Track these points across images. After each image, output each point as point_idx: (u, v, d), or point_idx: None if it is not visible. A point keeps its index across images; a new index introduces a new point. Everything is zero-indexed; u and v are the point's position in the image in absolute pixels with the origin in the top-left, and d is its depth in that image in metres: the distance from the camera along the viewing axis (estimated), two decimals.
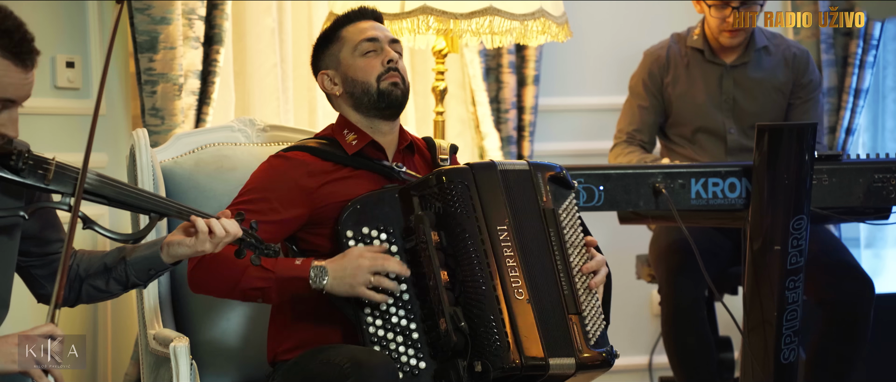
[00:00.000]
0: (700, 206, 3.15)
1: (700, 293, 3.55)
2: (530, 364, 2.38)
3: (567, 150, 4.12)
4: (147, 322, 2.76)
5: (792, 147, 3.02)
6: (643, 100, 3.70)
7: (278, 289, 2.43)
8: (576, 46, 4.15)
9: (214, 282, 2.47)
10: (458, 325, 2.37)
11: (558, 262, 2.48)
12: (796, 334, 3.13)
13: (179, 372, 2.56)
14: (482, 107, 3.98)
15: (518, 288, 2.42)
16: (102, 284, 2.30)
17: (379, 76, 2.55)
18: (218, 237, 2.23)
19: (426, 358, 2.41)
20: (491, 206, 2.47)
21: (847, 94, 4.15)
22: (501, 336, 2.38)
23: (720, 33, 3.65)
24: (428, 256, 2.41)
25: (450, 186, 2.46)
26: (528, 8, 3.23)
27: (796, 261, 3.06)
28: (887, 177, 3.13)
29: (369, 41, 2.56)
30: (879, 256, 4.43)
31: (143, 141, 2.80)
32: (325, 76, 2.60)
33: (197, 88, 3.50)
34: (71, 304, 2.34)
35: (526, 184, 2.52)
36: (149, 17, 3.39)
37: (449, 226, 2.45)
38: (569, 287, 2.47)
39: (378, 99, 2.55)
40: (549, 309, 2.44)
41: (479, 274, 2.42)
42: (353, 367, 2.29)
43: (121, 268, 2.28)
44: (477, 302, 2.40)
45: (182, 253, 2.25)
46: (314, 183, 2.52)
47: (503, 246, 2.44)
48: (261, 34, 3.71)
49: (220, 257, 2.42)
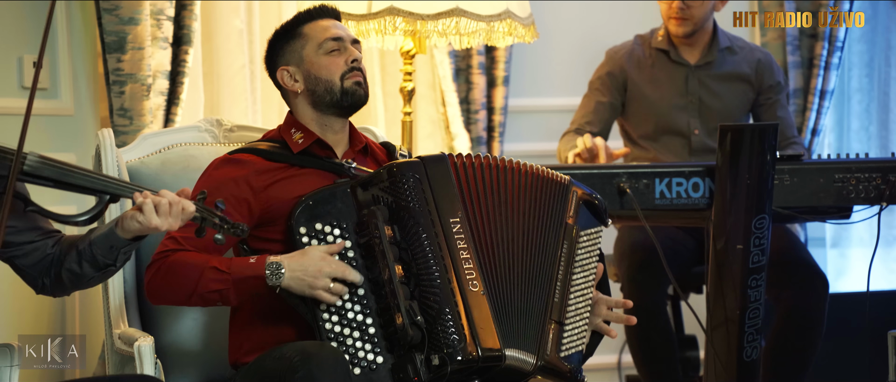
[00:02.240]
0: (664, 206, 3.18)
1: (664, 292, 3.58)
2: (486, 355, 2.39)
3: (536, 151, 4.14)
4: (112, 322, 2.76)
5: (754, 147, 3.05)
6: (601, 95, 3.73)
7: (236, 290, 2.42)
8: (545, 48, 4.18)
9: (171, 291, 2.46)
10: (415, 319, 2.38)
11: (560, 272, 2.50)
12: (758, 332, 3.16)
13: (144, 371, 2.57)
14: (452, 107, 4.00)
15: (472, 281, 2.43)
16: (76, 267, 2.28)
17: (343, 74, 2.57)
18: (163, 211, 2.20)
19: (383, 353, 2.41)
20: (444, 199, 2.48)
21: (813, 96, 4.19)
22: (458, 329, 2.39)
23: (669, 21, 3.68)
24: (382, 251, 2.42)
25: (401, 179, 2.46)
26: (495, 9, 3.25)
27: (758, 260, 3.09)
28: (847, 177, 3.16)
29: (334, 40, 2.58)
30: (845, 256, 4.48)
31: (108, 140, 2.80)
32: (286, 72, 2.60)
33: (165, 89, 3.50)
34: (57, 291, 2.32)
35: (555, 195, 2.54)
36: (117, 18, 3.39)
37: (402, 220, 2.45)
38: (561, 297, 2.49)
39: (341, 97, 2.57)
40: (523, 308, 2.46)
41: (434, 268, 2.42)
42: (302, 359, 2.29)
43: (87, 248, 2.27)
44: (432, 296, 2.41)
45: (134, 227, 2.23)
46: (261, 182, 2.53)
47: (457, 239, 2.45)
48: (230, 35, 3.72)
49: (175, 264, 2.43)
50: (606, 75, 3.75)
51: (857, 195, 3.15)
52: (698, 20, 3.66)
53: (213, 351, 2.81)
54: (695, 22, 3.66)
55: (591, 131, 3.67)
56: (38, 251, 2.29)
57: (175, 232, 2.43)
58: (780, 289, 3.52)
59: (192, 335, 2.81)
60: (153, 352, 2.59)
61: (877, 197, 3.14)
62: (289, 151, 2.58)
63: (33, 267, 2.29)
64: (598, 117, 3.71)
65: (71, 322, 3.54)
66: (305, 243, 2.45)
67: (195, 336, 2.82)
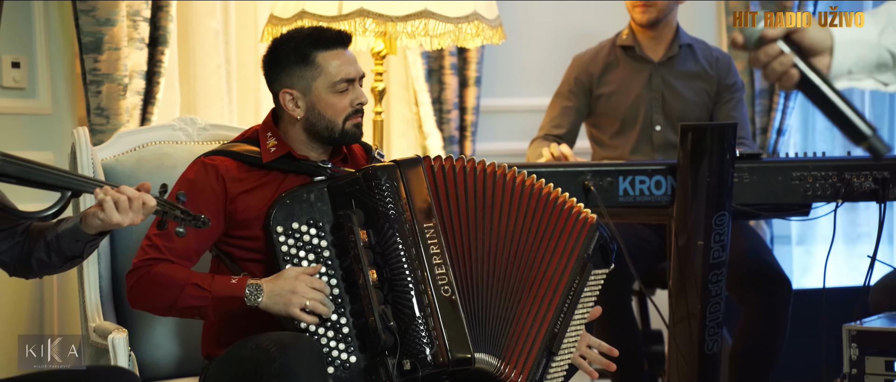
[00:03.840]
0: (628, 203, 3.22)
1: (628, 288, 3.64)
2: (456, 360, 2.42)
3: (507, 150, 4.18)
4: (88, 316, 2.80)
5: (714, 146, 3.11)
6: (567, 100, 3.79)
7: (215, 307, 2.46)
8: (516, 48, 4.23)
9: (151, 301, 2.50)
10: (388, 324, 2.40)
11: (567, 304, 2.53)
12: (719, 326, 3.21)
13: (118, 363, 2.62)
14: (425, 107, 4.04)
15: (444, 286, 2.45)
16: (45, 256, 2.33)
17: (346, 116, 2.55)
18: (123, 208, 2.23)
19: (357, 352, 2.43)
20: (418, 203, 2.49)
21: (777, 96, 4.25)
22: (429, 334, 2.41)
23: (634, 9, 3.72)
24: (356, 255, 2.43)
25: (377, 184, 2.47)
26: (463, 11, 3.28)
27: (719, 256, 3.15)
28: (804, 175, 3.22)
29: (347, 81, 2.55)
30: (809, 253, 4.54)
31: (83, 139, 2.85)
32: (289, 95, 2.55)
33: (142, 88, 3.52)
34: (28, 275, 2.37)
35: (575, 228, 2.56)
36: (93, 19, 3.41)
37: (377, 224, 2.46)
38: (561, 329, 2.52)
39: (339, 137, 2.56)
40: (501, 315, 2.49)
41: (407, 273, 2.44)
42: (280, 350, 2.32)
43: (54, 240, 2.32)
44: (405, 302, 2.42)
45: (97, 224, 2.26)
46: (237, 187, 2.54)
47: (430, 244, 2.46)
48: (205, 36, 3.74)
49: (157, 277, 2.46)
50: (573, 80, 3.81)
51: (815, 193, 3.21)
52: (662, 7, 3.70)
53: (187, 345, 2.86)
54: (659, 9, 3.70)
55: (558, 134, 3.75)
56: (9, 239, 2.34)
57: (156, 239, 2.49)
58: (745, 291, 3.58)
59: (166, 329, 2.86)
60: (127, 344, 2.63)
61: (833, 194, 3.20)
62: None
63: (5, 253, 2.35)
64: (565, 121, 3.77)
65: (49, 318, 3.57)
66: (282, 242, 2.46)
67: (169, 330, 2.86)
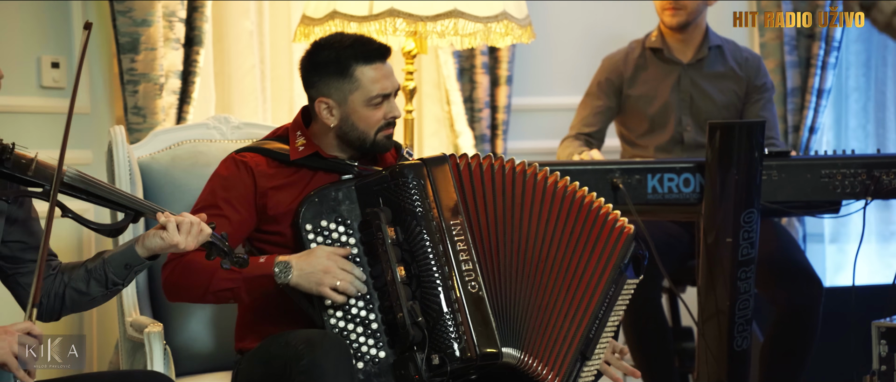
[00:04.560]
0: (656, 201, 3.23)
1: (658, 285, 3.65)
2: (484, 355, 2.45)
3: (539, 149, 4.19)
4: (125, 311, 2.85)
5: (742, 144, 3.11)
6: (598, 100, 3.80)
7: (247, 288, 2.49)
8: (547, 47, 4.24)
9: (186, 288, 2.54)
10: (416, 320, 2.43)
11: (603, 310, 2.55)
12: (748, 322, 3.22)
13: (153, 357, 2.66)
14: (456, 106, 4.07)
15: (472, 282, 2.48)
16: (83, 286, 2.37)
17: (379, 129, 2.59)
18: (184, 230, 2.32)
19: (386, 348, 2.46)
20: (445, 200, 2.52)
21: (810, 94, 4.23)
22: (457, 330, 2.44)
23: (663, 12, 3.74)
24: (384, 252, 2.46)
25: (404, 182, 2.51)
26: (492, 10, 3.30)
27: (747, 253, 3.16)
28: (833, 173, 3.22)
29: (383, 96, 2.57)
30: (842, 250, 4.53)
31: (119, 137, 2.91)
32: (324, 104, 2.58)
33: (178, 88, 3.57)
34: (56, 316, 2.40)
35: (612, 236, 2.58)
36: (130, 19, 3.47)
37: (405, 222, 2.50)
38: (596, 335, 2.54)
39: (370, 146, 2.60)
40: (528, 310, 2.51)
41: (435, 270, 2.47)
42: (307, 347, 2.35)
43: (99, 267, 2.37)
44: (433, 297, 2.45)
45: (156, 244, 2.34)
46: (265, 183, 2.58)
47: (457, 240, 2.49)
48: (240, 36, 3.78)
49: (190, 264, 2.50)
50: (604, 81, 3.83)
51: (844, 190, 3.21)
52: (692, 10, 3.71)
53: (221, 340, 2.90)
54: (689, 12, 3.71)
55: (589, 132, 3.77)
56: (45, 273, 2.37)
57: None
58: (775, 290, 3.58)
59: (201, 324, 2.91)
60: (162, 338, 2.68)
61: (862, 192, 3.20)
62: None
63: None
64: (596, 120, 3.79)
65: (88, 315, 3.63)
66: (311, 240, 2.50)
67: (203, 325, 2.91)
